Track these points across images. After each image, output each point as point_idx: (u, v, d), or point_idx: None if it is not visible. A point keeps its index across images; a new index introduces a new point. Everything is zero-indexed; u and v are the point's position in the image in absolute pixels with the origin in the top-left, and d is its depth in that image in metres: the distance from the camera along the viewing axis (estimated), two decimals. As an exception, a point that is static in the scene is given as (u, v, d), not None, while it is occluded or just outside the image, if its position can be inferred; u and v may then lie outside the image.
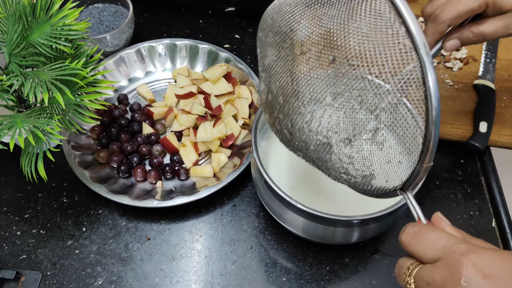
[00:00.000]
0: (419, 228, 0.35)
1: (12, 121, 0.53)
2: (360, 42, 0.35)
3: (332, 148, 0.40)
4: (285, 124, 0.43)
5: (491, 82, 0.73)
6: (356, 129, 0.38)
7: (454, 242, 0.33)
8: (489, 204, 0.65)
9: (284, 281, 0.59)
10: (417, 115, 0.34)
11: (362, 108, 0.37)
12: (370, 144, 0.38)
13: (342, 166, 0.41)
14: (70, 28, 0.58)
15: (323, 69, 0.38)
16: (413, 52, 0.33)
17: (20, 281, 0.59)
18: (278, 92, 0.42)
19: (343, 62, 0.36)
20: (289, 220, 0.54)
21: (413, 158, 0.37)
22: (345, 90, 0.37)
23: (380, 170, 0.39)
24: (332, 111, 0.38)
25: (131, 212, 0.65)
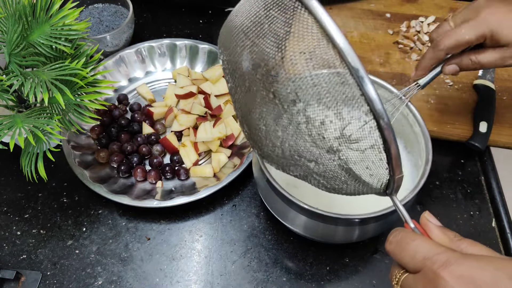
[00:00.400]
0: (401, 236, 0.35)
1: (12, 121, 0.53)
2: (297, 75, 0.35)
3: (302, 167, 0.41)
4: (256, 149, 0.45)
5: (491, 82, 0.73)
6: (318, 157, 0.38)
7: (434, 253, 0.33)
8: (489, 204, 0.65)
9: (284, 281, 0.59)
10: (374, 139, 0.34)
11: (315, 138, 0.37)
12: (334, 167, 0.38)
13: (318, 182, 0.42)
14: (70, 28, 0.58)
15: (268, 104, 0.37)
16: (356, 91, 0.32)
17: (20, 281, 0.59)
18: (242, 120, 0.44)
19: (282, 99, 0.36)
20: (290, 218, 0.54)
21: (383, 172, 0.37)
22: (291, 123, 0.37)
23: (354, 183, 0.40)
24: (290, 143, 0.38)
25: (131, 212, 0.65)
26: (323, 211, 0.49)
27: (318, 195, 0.57)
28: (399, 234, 0.36)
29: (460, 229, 0.63)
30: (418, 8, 0.86)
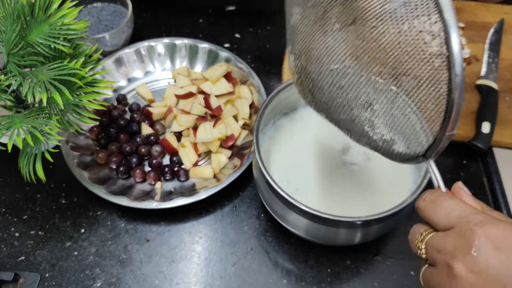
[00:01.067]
0: (437, 195, 0.35)
1: (10, 122, 0.52)
2: (382, 3, 0.34)
3: (353, 111, 0.40)
4: (306, 85, 0.43)
5: (494, 82, 0.72)
6: (376, 93, 0.38)
7: (470, 212, 0.33)
8: (491, 205, 0.65)
9: (285, 283, 0.58)
10: (439, 81, 0.34)
11: (382, 71, 0.36)
12: (391, 109, 0.37)
13: (363, 129, 0.41)
14: (69, 27, 0.57)
15: (343, 31, 0.37)
16: (436, 15, 0.32)
17: (19, 283, 0.58)
18: (301, 52, 0.42)
19: (363, 24, 0.35)
20: (291, 221, 0.53)
21: (435, 126, 0.36)
22: (365, 53, 0.36)
23: (401, 136, 0.39)
24: (352, 74, 0.38)
25: (130, 214, 0.64)
26: (325, 214, 0.48)
27: (319, 197, 0.57)
28: (434, 193, 0.36)
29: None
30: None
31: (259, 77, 0.73)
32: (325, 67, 0.40)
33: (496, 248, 0.30)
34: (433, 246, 0.34)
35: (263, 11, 0.89)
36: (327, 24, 0.39)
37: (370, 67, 0.37)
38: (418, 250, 0.35)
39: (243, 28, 0.87)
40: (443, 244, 0.33)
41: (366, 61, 0.37)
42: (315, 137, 0.62)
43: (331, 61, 0.39)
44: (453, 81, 0.33)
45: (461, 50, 0.32)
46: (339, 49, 0.38)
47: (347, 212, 0.50)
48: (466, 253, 0.31)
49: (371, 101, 0.38)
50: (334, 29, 0.38)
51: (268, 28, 0.87)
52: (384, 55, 0.35)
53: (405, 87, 0.36)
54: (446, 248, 0.32)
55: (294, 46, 0.44)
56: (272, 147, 0.61)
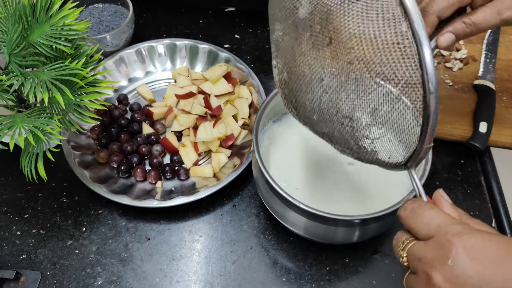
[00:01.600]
0: (418, 204, 0.36)
1: (12, 121, 0.53)
2: (355, 22, 0.35)
3: (334, 125, 0.41)
4: (290, 99, 0.44)
5: (491, 82, 0.73)
6: (355, 110, 0.38)
7: (449, 222, 0.34)
8: (489, 204, 0.65)
9: (284, 281, 0.59)
10: (415, 97, 0.35)
11: (359, 90, 0.37)
12: (370, 124, 0.38)
13: (345, 142, 0.42)
14: (70, 28, 0.58)
15: (320, 50, 0.38)
16: (409, 31, 0.33)
17: (20, 281, 0.59)
18: (283, 68, 0.43)
19: (338, 44, 0.36)
20: (290, 219, 0.54)
21: (413, 139, 0.37)
22: (342, 73, 0.37)
23: (382, 148, 0.40)
24: (332, 92, 0.39)
25: (131, 212, 0.65)
26: (323, 212, 0.49)
27: (318, 196, 0.57)
28: (416, 202, 0.37)
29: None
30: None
31: (258, 77, 0.73)
32: (305, 83, 0.40)
33: (472, 259, 0.31)
34: (414, 254, 0.34)
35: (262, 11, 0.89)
36: (306, 42, 0.39)
37: (348, 85, 0.37)
38: (400, 257, 0.36)
39: (242, 28, 0.87)
40: (423, 253, 0.33)
41: (343, 80, 0.37)
42: (314, 136, 0.62)
43: (312, 78, 0.40)
44: (428, 99, 0.34)
45: (434, 66, 0.33)
46: (318, 68, 0.39)
47: (345, 210, 0.50)
48: (444, 264, 0.32)
49: (351, 116, 0.39)
50: (312, 48, 0.39)
51: (267, 29, 0.87)
52: (360, 75, 0.36)
53: (381, 104, 0.37)
54: (425, 257, 0.33)
55: (277, 60, 0.44)
56: (271, 146, 0.61)
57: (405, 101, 0.35)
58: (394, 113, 0.36)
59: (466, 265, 0.31)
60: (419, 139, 0.37)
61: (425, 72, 0.33)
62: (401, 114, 0.36)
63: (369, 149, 0.41)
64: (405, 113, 0.36)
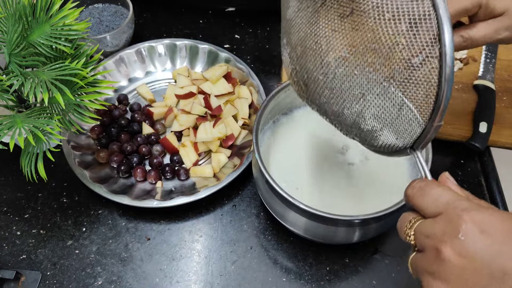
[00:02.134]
0: (425, 183, 0.36)
1: (12, 121, 0.53)
2: None
3: (345, 102, 0.41)
4: (301, 75, 0.44)
5: (491, 82, 0.73)
6: (369, 83, 0.38)
7: (456, 199, 0.34)
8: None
9: (284, 281, 0.59)
10: (430, 72, 0.35)
11: (376, 63, 0.37)
12: (383, 99, 0.38)
13: (354, 120, 0.42)
14: (70, 28, 0.58)
15: (340, 22, 0.38)
16: (431, 8, 0.33)
17: (20, 281, 0.59)
18: (297, 43, 0.43)
19: (360, 14, 0.36)
20: (290, 219, 0.54)
21: (424, 116, 0.37)
22: (361, 44, 0.37)
23: (391, 127, 0.40)
24: (347, 64, 0.39)
25: (131, 212, 0.65)
26: (323, 212, 0.49)
27: (318, 196, 0.57)
28: (423, 181, 0.37)
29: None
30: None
31: (258, 77, 0.74)
32: (321, 57, 0.41)
33: (482, 232, 0.31)
34: (421, 232, 0.34)
35: (262, 12, 0.90)
36: (324, 15, 0.39)
37: (365, 57, 0.37)
38: (407, 236, 0.36)
39: (242, 28, 0.88)
40: (431, 229, 0.34)
41: (361, 51, 0.37)
42: (314, 136, 0.62)
43: (328, 50, 0.40)
44: (444, 72, 0.34)
45: (453, 42, 0.33)
46: (336, 40, 0.39)
47: (345, 210, 0.50)
48: (454, 237, 0.32)
49: (364, 91, 0.39)
50: (331, 19, 0.39)
51: (267, 29, 0.88)
52: (379, 46, 0.36)
53: (397, 78, 0.37)
54: (434, 233, 0.33)
55: (290, 37, 0.44)
56: (271, 146, 0.61)
57: (418, 74, 0.35)
58: (409, 86, 0.36)
59: (476, 238, 0.31)
60: (430, 116, 0.37)
61: (443, 44, 0.33)
62: (416, 87, 0.36)
63: (377, 128, 0.41)
64: (420, 87, 0.36)
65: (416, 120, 0.38)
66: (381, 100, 0.38)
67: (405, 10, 0.34)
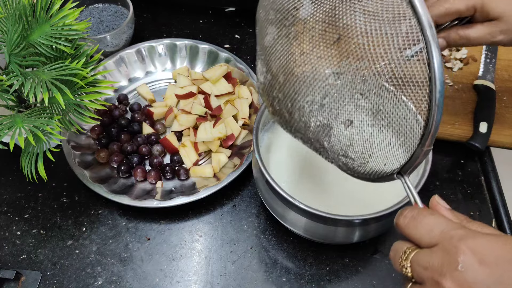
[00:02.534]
0: (417, 212, 0.36)
1: (12, 121, 0.53)
2: (366, 21, 0.35)
3: (332, 129, 0.40)
4: (284, 104, 0.43)
5: (491, 82, 0.73)
6: (357, 111, 0.38)
7: (451, 228, 0.33)
8: (489, 204, 0.65)
9: (284, 281, 0.59)
10: (420, 97, 0.34)
11: (365, 89, 0.37)
12: (371, 126, 0.38)
13: (341, 148, 0.41)
14: (70, 28, 0.58)
15: (326, 48, 0.37)
16: (419, 32, 0.33)
17: (20, 281, 0.59)
18: (278, 71, 0.42)
19: (348, 41, 0.36)
20: (290, 220, 0.54)
21: (413, 141, 0.37)
22: (348, 71, 0.37)
23: (380, 153, 0.39)
24: (335, 91, 0.38)
25: (131, 212, 0.65)
26: (323, 213, 0.49)
27: (318, 196, 0.57)
28: (414, 210, 0.36)
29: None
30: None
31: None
32: (306, 85, 0.40)
33: (481, 263, 0.31)
34: (419, 263, 0.34)
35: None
36: (308, 42, 0.38)
37: (353, 84, 0.37)
38: (403, 268, 0.35)
39: (243, 28, 0.88)
40: (429, 261, 0.33)
41: (349, 78, 0.37)
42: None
43: (314, 78, 0.39)
44: (434, 97, 0.33)
45: (442, 68, 0.33)
46: (322, 67, 0.38)
47: (345, 210, 0.50)
48: (454, 270, 0.31)
49: (352, 118, 0.39)
50: (316, 46, 0.38)
51: (267, 29, 0.87)
52: (368, 72, 0.36)
53: (386, 103, 0.36)
54: (433, 265, 0.32)
55: (270, 65, 0.43)
56: (271, 146, 0.61)
57: (408, 101, 0.35)
58: (398, 114, 0.36)
59: (476, 268, 0.31)
60: (420, 141, 0.36)
61: (433, 70, 0.33)
62: (404, 115, 0.36)
63: (366, 155, 0.40)
64: (408, 114, 0.35)
65: (405, 144, 0.37)
66: (370, 127, 0.38)
67: (394, 36, 0.34)
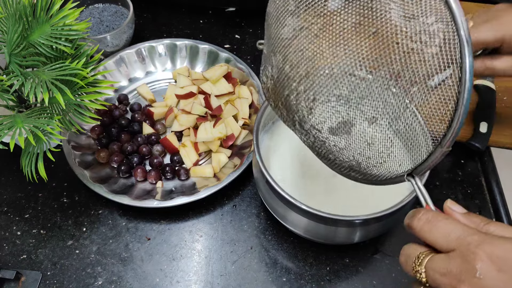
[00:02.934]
0: (432, 215, 0.35)
1: (12, 121, 0.53)
2: (402, 17, 0.34)
3: (354, 126, 0.39)
4: (305, 97, 0.41)
5: (491, 82, 0.73)
6: (386, 106, 0.37)
7: (468, 233, 0.33)
8: (489, 204, 0.65)
9: (284, 281, 0.59)
10: (450, 97, 0.34)
11: (397, 85, 0.36)
12: (397, 122, 0.38)
13: (360, 146, 0.40)
14: (71, 28, 0.58)
15: (360, 42, 0.36)
16: (455, 35, 0.33)
17: (20, 281, 0.59)
18: (300, 63, 0.40)
19: (385, 35, 0.35)
20: (290, 220, 0.54)
21: (435, 140, 0.36)
22: (384, 64, 0.36)
23: (398, 153, 0.39)
24: (364, 86, 0.37)
25: (131, 212, 0.65)
26: (324, 213, 0.49)
27: (318, 197, 0.57)
28: (429, 213, 0.35)
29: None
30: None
31: (259, 77, 0.73)
32: (335, 78, 0.39)
33: (499, 270, 0.31)
34: (435, 269, 0.33)
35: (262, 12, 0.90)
36: (337, 34, 0.37)
37: (385, 79, 0.36)
38: (417, 273, 0.34)
39: (243, 28, 0.88)
40: (447, 267, 0.32)
41: (382, 74, 0.36)
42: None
43: (343, 72, 0.38)
44: (462, 97, 0.33)
45: (473, 68, 0.33)
46: (353, 60, 0.37)
47: (346, 211, 0.50)
48: (472, 277, 0.31)
49: (378, 115, 0.38)
50: (349, 39, 0.37)
51: (268, 29, 0.87)
52: (401, 67, 0.35)
53: (416, 99, 0.36)
54: (451, 272, 0.32)
55: (287, 56, 0.41)
56: (272, 146, 0.61)
57: (441, 95, 0.35)
58: (427, 109, 0.36)
59: (494, 276, 0.31)
60: (440, 141, 0.36)
61: (464, 71, 0.33)
62: (433, 110, 0.35)
63: (385, 154, 0.39)
64: (437, 110, 0.35)
65: (425, 143, 0.37)
66: (396, 122, 0.38)
67: (430, 32, 0.34)
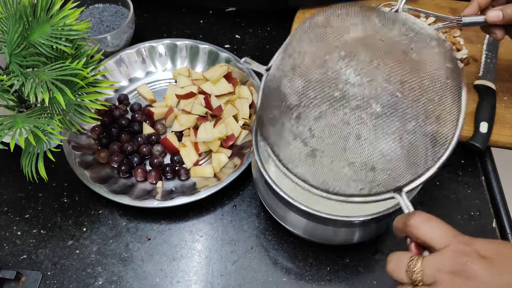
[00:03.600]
0: (426, 216, 0.38)
1: (12, 121, 0.53)
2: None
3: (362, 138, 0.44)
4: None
5: (492, 82, 0.73)
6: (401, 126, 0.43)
7: (457, 233, 0.36)
8: (489, 204, 0.65)
9: (284, 281, 0.59)
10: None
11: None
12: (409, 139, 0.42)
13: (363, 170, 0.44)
14: (71, 28, 0.58)
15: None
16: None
17: (21, 281, 0.59)
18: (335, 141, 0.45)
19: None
20: (290, 220, 0.54)
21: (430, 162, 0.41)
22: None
23: (405, 167, 0.42)
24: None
25: (132, 212, 0.65)
26: (323, 213, 0.49)
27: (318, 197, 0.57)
28: (423, 214, 0.38)
29: (460, 229, 0.62)
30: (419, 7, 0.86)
31: (259, 77, 0.74)
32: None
33: (483, 257, 0.34)
34: (430, 266, 0.35)
35: (262, 12, 0.90)
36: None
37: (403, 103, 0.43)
38: (413, 274, 0.36)
39: (243, 29, 0.88)
40: (441, 262, 0.35)
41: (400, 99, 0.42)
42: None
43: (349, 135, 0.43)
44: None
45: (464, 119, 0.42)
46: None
47: (346, 211, 0.50)
48: (468, 269, 0.34)
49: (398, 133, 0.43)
50: None
51: (267, 29, 0.88)
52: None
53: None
54: (444, 266, 0.35)
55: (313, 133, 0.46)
56: (271, 146, 0.61)
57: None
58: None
59: (479, 261, 0.34)
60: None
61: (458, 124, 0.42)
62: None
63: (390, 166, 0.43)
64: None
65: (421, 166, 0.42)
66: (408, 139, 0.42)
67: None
